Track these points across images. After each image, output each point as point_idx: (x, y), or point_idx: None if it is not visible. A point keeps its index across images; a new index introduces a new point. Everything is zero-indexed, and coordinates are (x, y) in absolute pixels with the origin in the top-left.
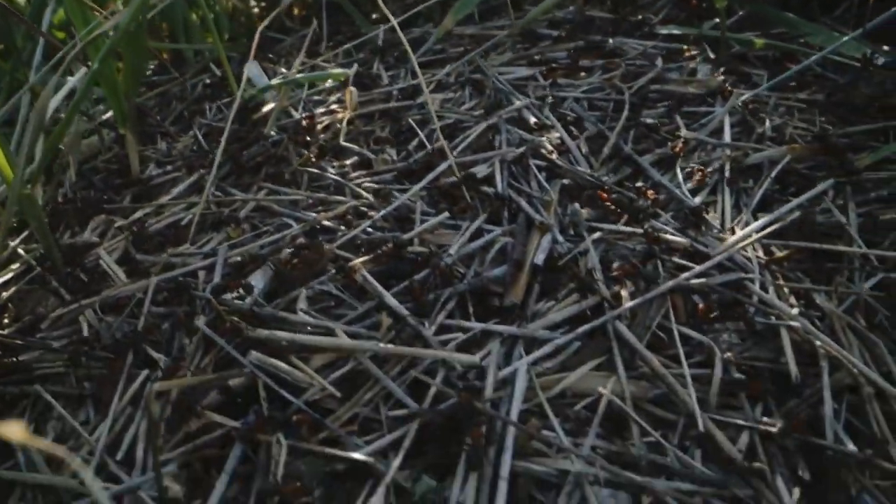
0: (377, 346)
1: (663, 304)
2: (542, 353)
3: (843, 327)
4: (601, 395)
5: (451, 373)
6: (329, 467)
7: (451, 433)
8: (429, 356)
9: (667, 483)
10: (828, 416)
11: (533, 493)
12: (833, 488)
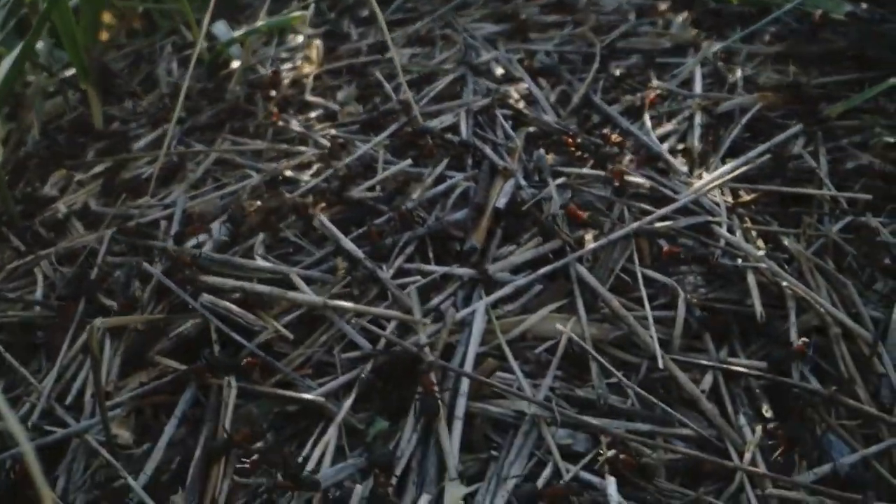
0: (324, 300)
1: (627, 247)
2: (502, 294)
3: (811, 269)
4: (561, 337)
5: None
6: (281, 409)
7: (403, 376)
8: (374, 314)
9: (626, 424)
10: (795, 367)
11: (489, 433)
12: (797, 426)
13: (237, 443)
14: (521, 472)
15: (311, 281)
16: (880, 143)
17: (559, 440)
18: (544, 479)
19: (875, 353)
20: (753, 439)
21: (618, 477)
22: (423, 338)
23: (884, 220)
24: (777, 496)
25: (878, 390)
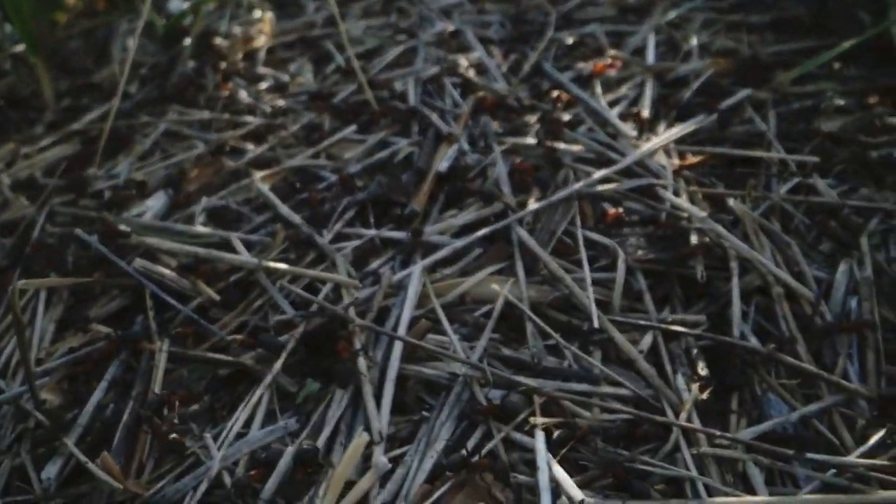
0: (259, 262)
1: (570, 210)
2: (439, 257)
3: (756, 230)
4: (498, 299)
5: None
6: (213, 373)
7: (330, 341)
8: (308, 276)
9: (561, 384)
10: (735, 315)
11: (422, 395)
12: (732, 375)
13: (170, 405)
14: (450, 434)
15: (251, 246)
16: (832, 106)
17: (493, 401)
18: (475, 441)
19: (818, 312)
20: (690, 397)
21: (549, 436)
22: (351, 301)
23: (831, 182)
24: (712, 454)
25: (819, 350)
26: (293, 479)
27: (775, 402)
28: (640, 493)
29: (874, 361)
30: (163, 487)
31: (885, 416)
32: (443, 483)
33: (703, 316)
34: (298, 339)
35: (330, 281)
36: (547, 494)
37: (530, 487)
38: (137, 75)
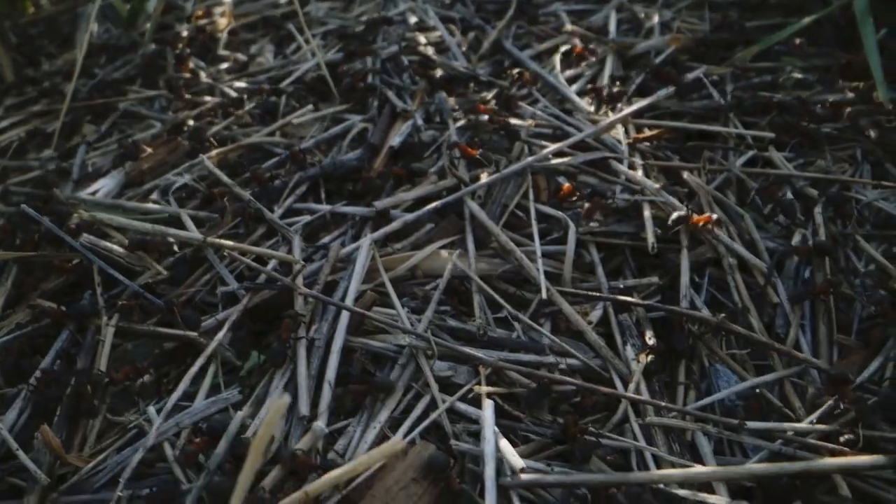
0: (204, 237)
1: (523, 183)
2: (389, 230)
3: (710, 202)
4: (447, 271)
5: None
6: (159, 348)
7: (274, 315)
8: (251, 251)
9: (509, 355)
10: (684, 285)
11: (368, 367)
12: (679, 338)
13: (116, 380)
14: (395, 404)
15: (201, 222)
16: (790, 80)
17: (439, 373)
18: (420, 411)
19: (770, 283)
20: (639, 368)
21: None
22: (298, 269)
23: (788, 155)
24: (659, 424)
25: (772, 321)
26: (235, 448)
27: (723, 372)
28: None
29: (826, 332)
30: (104, 460)
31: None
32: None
33: (655, 280)
34: (243, 312)
35: (273, 258)
36: (491, 463)
37: (473, 456)
38: (99, 59)
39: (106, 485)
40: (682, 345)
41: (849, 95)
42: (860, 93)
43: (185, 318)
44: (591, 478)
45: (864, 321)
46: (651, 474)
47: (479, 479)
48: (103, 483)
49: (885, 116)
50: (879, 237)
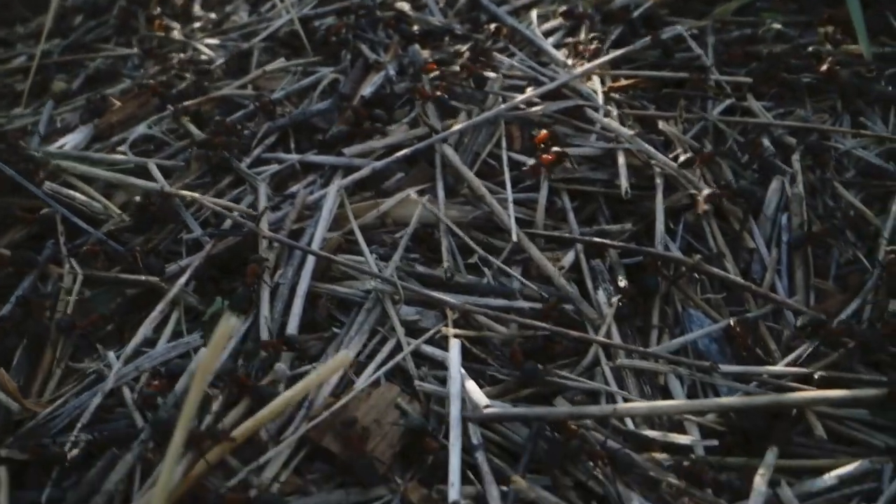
0: (163, 186)
1: (495, 132)
2: (357, 177)
3: (686, 150)
4: (416, 216)
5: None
6: (122, 296)
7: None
8: (210, 204)
9: (478, 299)
10: (658, 231)
11: (334, 313)
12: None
13: (80, 327)
14: (359, 348)
15: (169, 172)
16: (770, 32)
17: (406, 317)
18: (385, 354)
19: (745, 228)
20: (610, 312)
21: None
22: (263, 210)
23: (766, 104)
24: (629, 366)
25: (748, 266)
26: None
27: (697, 317)
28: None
29: (803, 276)
30: (62, 405)
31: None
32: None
33: (628, 227)
34: (208, 259)
35: (232, 210)
36: (457, 402)
37: (439, 398)
38: (74, 20)
39: (63, 430)
40: (653, 285)
41: (828, 47)
42: (840, 42)
43: (147, 264)
44: (554, 411)
45: (842, 266)
46: (616, 407)
47: (443, 421)
48: (61, 428)
49: (864, 67)
50: (858, 184)
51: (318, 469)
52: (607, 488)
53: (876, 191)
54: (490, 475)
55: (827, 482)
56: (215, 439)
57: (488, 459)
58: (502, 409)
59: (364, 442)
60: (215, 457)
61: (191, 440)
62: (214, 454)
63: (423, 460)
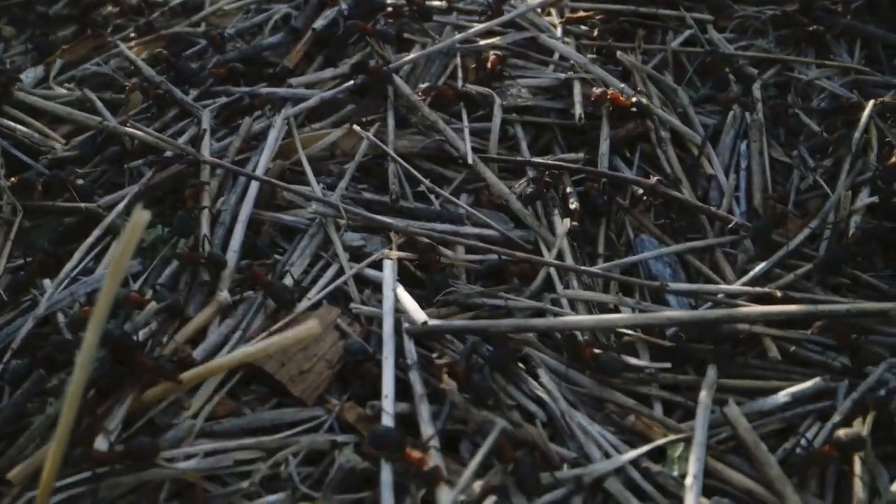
0: (100, 121)
1: (450, 63)
2: (304, 107)
3: (644, 79)
4: (363, 145)
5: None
6: (61, 225)
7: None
8: (149, 139)
9: (425, 224)
10: (603, 153)
11: (277, 240)
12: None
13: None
14: (301, 273)
15: (114, 106)
16: None
17: (350, 243)
18: (328, 279)
19: (703, 153)
20: (560, 235)
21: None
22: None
23: (729, 36)
24: (575, 297)
25: (706, 193)
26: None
27: (649, 241)
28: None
29: (762, 201)
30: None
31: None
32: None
33: (581, 156)
34: (149, 188)
35: (169, 144)
36: (389, 319)
37: (380, 320)
38: None
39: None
40: (601, 205)
41: None
42: None
43: (79, 189)
44: (497, 324)
45: (801, 193)
46: (563, 320)
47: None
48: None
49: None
50: (820, 112)
51: (254, 391)
52: (550, 407)
53: (839, 119)
54: (423, 392)
55: (779, 400)
56: (164, 376)
57: (423, 378)
58: (444, 322)
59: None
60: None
61: (145, 368)
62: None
63: (361, 381)
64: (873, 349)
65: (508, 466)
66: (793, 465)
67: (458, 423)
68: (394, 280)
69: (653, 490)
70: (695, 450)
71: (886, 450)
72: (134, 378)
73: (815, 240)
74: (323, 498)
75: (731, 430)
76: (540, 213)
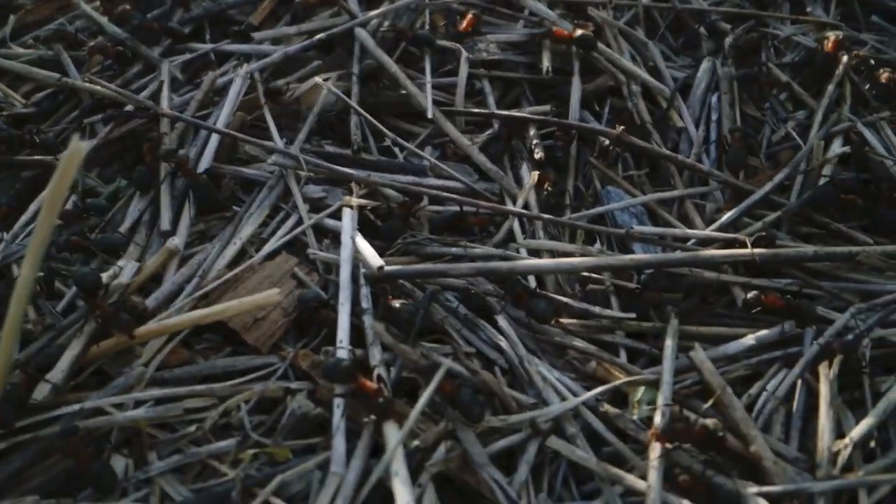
0: (60, 77)
1: (418, 18)
2: (269, 61)
3: (615, 35)
4: (323, 95)
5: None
6: (20, 181)
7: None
8: (109, 93)
9: (386, 175)
10: (573, 107)
11: (238, 193)
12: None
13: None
14: (257, 224)
15: (77, 63)
16: None
17: (311, 194)
18: (287, 229)
19: (673, 106)
20: (526, 187)
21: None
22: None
23: None
24: (539, 246)
25: (676, 145)
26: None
27: (615, 194)
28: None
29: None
30: None
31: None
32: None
33: (547, 108)
34: (110, 142)
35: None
36: (347, 266)
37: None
38: None
39: None
40: (559, 155)
41: None
42: None
43: (42, 141)
44: (456, 268)
45: (773, 144)
46: (524, 263)
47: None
48: None
49: None
50: (792, 66)
51: (207, 340)
52: (509, 355)
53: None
54: (376, 338)
55: (744, 344)
56: (119, 327)
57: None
58: (403, 267)
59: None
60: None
61: (103, 314)
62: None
63: (317, 330)
64: (810, 309)
65: (449, 400)
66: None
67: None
68: (353, 228)
69: (612, 436)
70: (662, 388)
71: (854, 395)
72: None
73: (786, 190)
74: (274, 444)
75: (696, 376)
76: (506, 166)
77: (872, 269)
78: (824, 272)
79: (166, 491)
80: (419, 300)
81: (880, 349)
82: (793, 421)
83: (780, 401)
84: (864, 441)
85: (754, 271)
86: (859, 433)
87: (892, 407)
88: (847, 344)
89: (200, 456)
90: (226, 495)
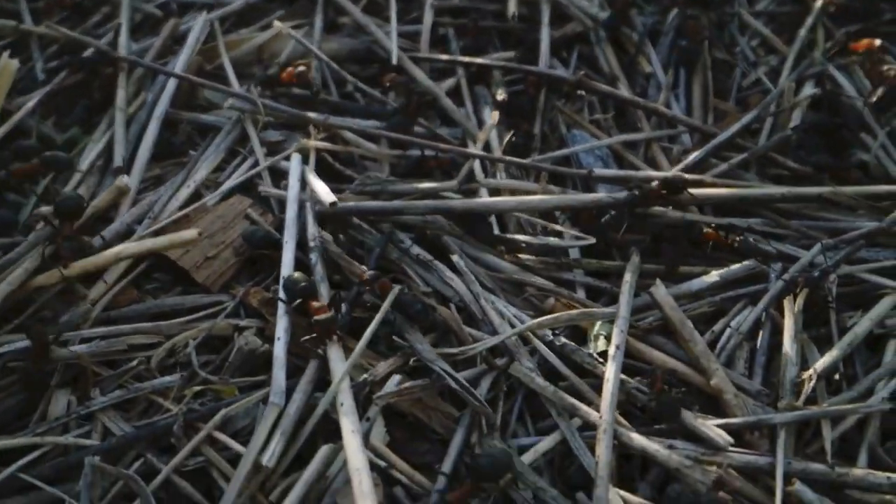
0: (16, 24)
1: None
2: (230, 9)
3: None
4: (289, 46)
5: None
6: None
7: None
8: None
9: (347, 119)
10: (543, 52)
11: (195, 138)
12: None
13: None
14: (213, 168)
15: (37, 13)
16: None
17: (269, 138)
18: (243, 171)
19: (641, 52)
20: (489, 126)
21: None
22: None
23: None
24: (502, 185)
25: (644, 91)
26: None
27: (581, 136)
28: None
29: (701, 96)
30: None
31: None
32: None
33: (511, 54)
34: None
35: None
36: (294, 204)
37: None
38: None
39: None
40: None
41: None
42: None
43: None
44: (412, 205)
45: (743, 89)
46: (481, 201)
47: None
48: None
49: None
50: (766, 14)
51: (157, 279)
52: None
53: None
54: (323, 273)
55: (707, 281)
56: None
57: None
58: (353, 204)
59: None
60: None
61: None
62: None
63: (270, 269)
64: (754, 246)
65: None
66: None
67: (370, 311)
68: (302, 168)
69: (568, 370)
70: (618, 322)
71: (820, 331)
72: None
73: (756, 134)
74: (221, 381)
75: (658, 314)
76: (469, 111)
77: (843, 209)
78: (794, 212)
79: (108, 426)
80: (376, 240)
81: (849, 287)
82: (756, 357)
83: (743, 336)
84: (829, 374)
85: (721, 212)
86: (823, 365)
87: (859, 341)
88: (813, 279)
89: (144, 391)
90: (167, 429)
